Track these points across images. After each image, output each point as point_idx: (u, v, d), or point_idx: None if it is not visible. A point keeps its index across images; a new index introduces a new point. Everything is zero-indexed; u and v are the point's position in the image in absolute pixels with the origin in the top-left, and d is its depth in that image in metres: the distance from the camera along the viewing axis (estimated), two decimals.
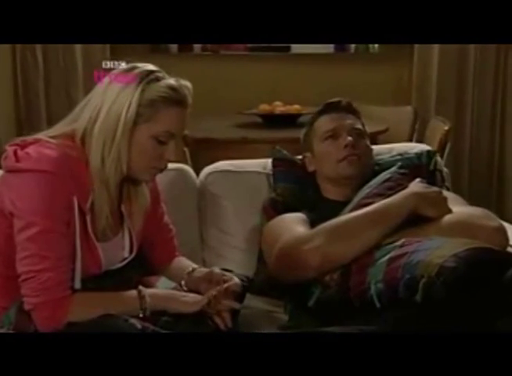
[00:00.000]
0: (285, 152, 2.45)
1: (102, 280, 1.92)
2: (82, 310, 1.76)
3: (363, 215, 2.01)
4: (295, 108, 3.73)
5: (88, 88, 4.10)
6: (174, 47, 4.53)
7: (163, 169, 1.91)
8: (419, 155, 2.39)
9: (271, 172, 2.44)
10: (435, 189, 2.08)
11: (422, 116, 4.10)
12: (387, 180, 2.19)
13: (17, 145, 1.87)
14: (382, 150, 2.48)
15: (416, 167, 2.34)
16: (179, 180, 2.36)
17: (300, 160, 2.42)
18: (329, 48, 4.49)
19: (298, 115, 3.71)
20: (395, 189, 2.13)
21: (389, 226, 1.98)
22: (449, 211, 2.03)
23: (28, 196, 1.77)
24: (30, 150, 1.82)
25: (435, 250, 1.79)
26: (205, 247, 2.41)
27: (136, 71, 1.86)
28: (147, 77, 1.85)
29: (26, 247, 1.76)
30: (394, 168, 2.26)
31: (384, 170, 2.32)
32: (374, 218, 1.99)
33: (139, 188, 1.99)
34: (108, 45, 4.17)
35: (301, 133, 2.43)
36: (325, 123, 2.34)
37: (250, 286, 2.05)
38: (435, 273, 1.71)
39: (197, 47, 4.56)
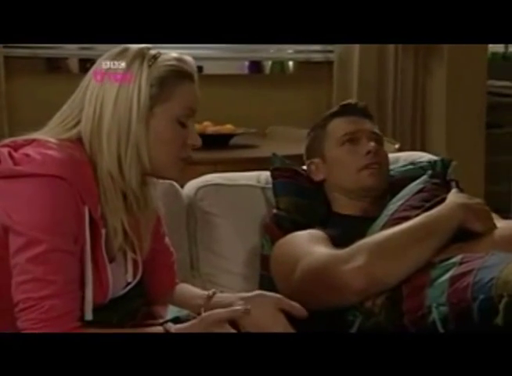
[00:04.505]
0: (285, 160, 2.17)
1: (105, 312, 1.61)
2: None
3: (408, 229, 1.76)
4: (228, 128, 3.47)
5: None
6: (75, 67, 4.16)
7: (187, 159, 1.63)
8: (433, 164, 2.18)
9: (266, 186, 2.15)
10: (479, 200, 1.86)
11: None
12: (421, 191, 1.97)
13: (8, 146, 1.55)
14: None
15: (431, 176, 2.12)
16: (165, 196, 2.02)
17: (303, 169, 2.15)
18: (243, 69, 4.30)
19: (231, 135, 3.46)
20: (432, 200, 1.91)
21: (439, 241, 1.75)
22: (495, 225, 1.83)
23: (31, 206, 1.46)
24: (30, 151, 1.51)
25: (508, 265, 1.58)
26: (196, 274, 2.09)
27: (132, 53, 1.59)
28: (148, 54, 1.58)
29: (26, 270, 1.44)
30: (425, 178, 2.04)
31: (397, 181, 2.11)
32: (422, 233, 1.75)
33: (148, 197, 1.68)
34: (2, 65, 3.77)
35: (306, 138, 2.16)
36: (342, 125, 2.07)
37: None
38: None
39: None
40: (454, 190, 1.92)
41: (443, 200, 1.87)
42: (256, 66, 4.36)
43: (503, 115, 4.87)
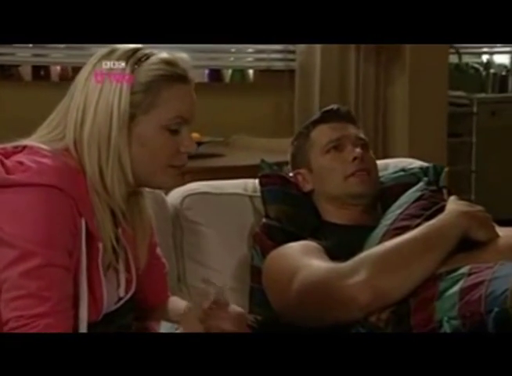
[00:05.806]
0: (274, 166, 2.09)
1: (95, 329, 1.50)
2: None
3: (412, 240, 1.69)
4: (194, 136, 3.36)
5: None
6: (28, 74, 4.01)
7: (181, 167, 1.52)
8: (425, 170, 2.11)
9: (254, 194, 2.06)
10: (480, 207, 1.79)
11: None
12: (420, 199, 1.89)
13: None
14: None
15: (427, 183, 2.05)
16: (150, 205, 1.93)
17: (291, 177, 2.06)
18: (202, 77, 4.20)
19: (198, 144, 3.36)
20: (431, 208, 1.84)
21: (444, 252, 1.68)
22: (497, 233, 1.76)
23: (25, 218, 1.37)
24: (23, 158, 1.43)
25: None
26: (183, 287, 2.00)
27: (118, 54, 1.48)
28: (133, 57, 1.47)
29: (19, 285, 1.35)
30: (422, 185, 1.97)
31: (389, 188, 2.04)
32: (426, 244, 1.68)
33: (143, 207, 1.60)
34: None
35: (290, 147, 2.08)
36: (326, 133, 1.99)
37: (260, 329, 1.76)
38: None
39: (55, 74, 4.06)
40: (453, 198, 1.84)
41: (442, 208, 1.80)
42: (216, 74, 4.28)
43: (459, 124, 4.88)
